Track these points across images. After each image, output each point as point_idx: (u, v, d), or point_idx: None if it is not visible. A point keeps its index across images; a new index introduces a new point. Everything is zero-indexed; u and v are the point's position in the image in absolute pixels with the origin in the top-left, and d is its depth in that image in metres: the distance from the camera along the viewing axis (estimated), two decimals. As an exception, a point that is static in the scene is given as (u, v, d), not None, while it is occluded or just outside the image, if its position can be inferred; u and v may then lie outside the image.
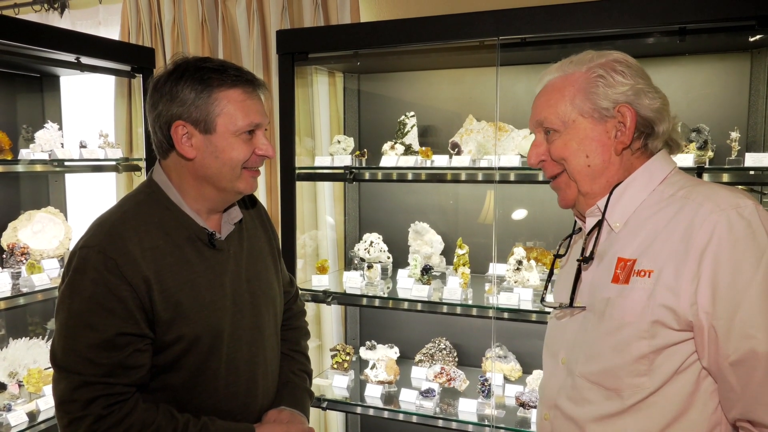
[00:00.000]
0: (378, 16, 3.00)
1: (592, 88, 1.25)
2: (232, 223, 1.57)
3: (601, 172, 1.27)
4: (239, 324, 1.53)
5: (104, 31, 3.55)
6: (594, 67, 1.26)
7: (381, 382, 2.66)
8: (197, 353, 1.43)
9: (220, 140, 1.42)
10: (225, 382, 1.49)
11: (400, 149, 2.63)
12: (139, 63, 2.85)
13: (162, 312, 1.38)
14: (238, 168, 1.45)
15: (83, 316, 1.32)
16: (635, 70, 1.26)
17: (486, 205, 2.86)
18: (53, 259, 2.71)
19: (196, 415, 1.44)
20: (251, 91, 1.46)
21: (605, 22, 2.03)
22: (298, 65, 2.57)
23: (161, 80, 1.44)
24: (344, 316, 3.13)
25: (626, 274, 1.20)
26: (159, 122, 1.44)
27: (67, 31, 2.58)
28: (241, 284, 1.55)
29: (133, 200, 1.47)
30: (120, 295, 1.33)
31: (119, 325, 1.33)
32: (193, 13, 3.23)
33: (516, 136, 2.54)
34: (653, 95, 1.25)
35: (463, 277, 2.53)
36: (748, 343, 1.06)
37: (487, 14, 2.18)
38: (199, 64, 1.43)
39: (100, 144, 2.86)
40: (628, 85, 1.24)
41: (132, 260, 1.35)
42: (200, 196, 1.48)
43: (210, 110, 1.40)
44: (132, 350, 1.35)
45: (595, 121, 1.26)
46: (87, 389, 1.31)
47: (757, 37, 2.03)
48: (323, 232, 3.06)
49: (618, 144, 1.25)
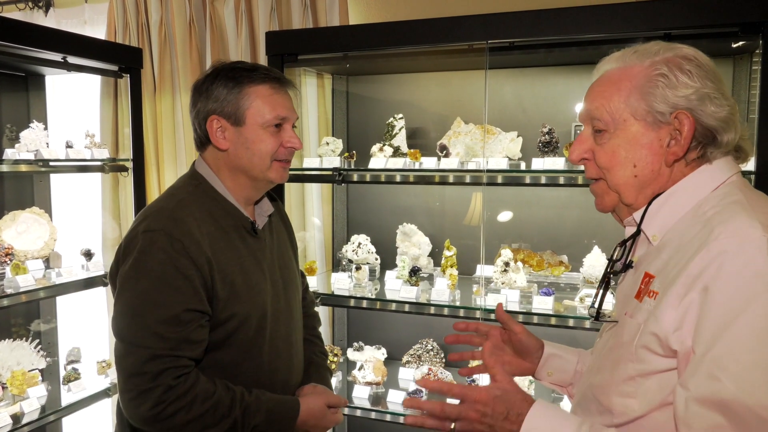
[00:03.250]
0: (367, 18, 3.01)
1: (651, 87, 1.11)
2: (265, 216, 1.70)
3: (648, 184, 1.15)
4: (277, 306, 1.66)
5: (90, 31, 3.52)
6: (658, 62, 1.12)
7: (369, 384, 2.66)
8: (246, 331, 1.55)
9: (249, 132, 1.55)
10: (268, 358, 1.61)
11: (388, 151, 2.64)
12: (127, 63, 2.83)
13: (220, 291, 1.50)
14: (267, 159, 1.57)
15: (151, 294, 1.42)
16: (706, 71, 1.11)
17: (473, 207, 2.88)
18: (38, 259, 2.68)
19: (246, 389, 1.54)
20: (278, 87, 1.59)
21: (592, 27, 2.06)
22: (286, 67, 2.57)
23: (200, 82, 1.59)
24: (331, 318, 3.13)
25: (645, 292, 1.11)
26: (198, 119, 1.58)
27: (53, 30, 2.56)
28: (275, 270, 1.68)
29: (183, 191, 1.58)
30: (187, 273, 1.44)
31: (186, 301, 1.43)
32: (181, 13, 3.22)
33: (503, 138, 2.56)
34: (720, 102, 1.09)
35: (451, 279, 2.55)
36: (712, 386, 0.94)
37: (476, 18, 2.20)
38: (234, 65, 1.59)
39: (86, 144, 2.84)
40: (692, 88, 1.09)
41: (196, 242, 1.47)
42: (237, 186, 1.61)
43: (240, 104, 1.54)
44: (196, 326, 1.45)
45: (648, 125, 1.12)
46: (156, 362, 1.40)
47: (740, 43, 2.07)
48: (311, 234, 3.06)
49: (669, 155, 1.12)
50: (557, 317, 2.31)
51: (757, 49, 2.17)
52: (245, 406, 1.49)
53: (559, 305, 2.39)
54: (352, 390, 2.67)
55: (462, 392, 1.14)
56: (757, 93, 1.92)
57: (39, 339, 2.85)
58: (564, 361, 1.46)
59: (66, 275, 2.65)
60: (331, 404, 1.71)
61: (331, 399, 1.72)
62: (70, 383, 2.69)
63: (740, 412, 0.92)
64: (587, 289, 2.44)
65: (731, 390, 0.92)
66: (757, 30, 1.91)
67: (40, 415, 2.46)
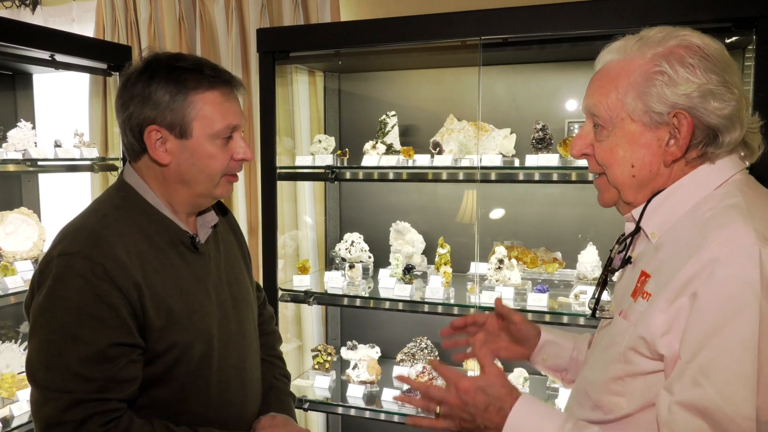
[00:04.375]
0: (358, 15, 2.99)
1: (648, 86, 1.06)
2: (209, 227, 1.51)
3: (647, 183, 1.12)
4: (226, 329, 1.47)
5: (78, 29, 3.48)
6: (659, 56, 1.06)
7: (363, 382, 2.65)
8: (189, 362, 1.36)
9: (196, 145, 1.35)
10: (217, 391, 1.43)
11: (381, 149, 2.62)
12: (116, 61, 2.80)
13: (154, 319, 1.30)
14: (217, 176, 1.39)
15: (69, 328, 1.22)
16: (713, 62, 1.04)
17: (467, 204, 2.87)
18: (27, 261, 2.65)
19: (190, 428, 1.37)
20: (229, 93, 1.39)
21: (586, 23, 2.05)
22: (278, 64, 2.55)
23: (131, 79, 1.35)
24: (325, 316, 3.12)
25: (640, 291, 1.09)
26: (130, 124, 1.35)
27: (41, 27, 2.52)
28: (223, 289, 1.49)
29: (108, 204, 1.38)
30: (111, 302, 1.24)
31: (111, 335, 1.24)
32: (171, 10, 3.19)
33: (497, 135, 2.55)
34: (725, 97, 1.03)
35: (445, 277, 2.54)
36: (696, 392, 0.93)
37: (469, 14, 2.19)
38: (173, 63, 1.35)
39: (75, 143, 2.81)
40: (694, 85, 1.03)
41: (121, 265, 1.26)
42: (176, 199, 1.41)
43: (186, 113, 1.33)
44: (125, 362, 1.26)
45: (646, 125, 1.08)
46: (79, 408, 1.21)
47: (733, 38, 2.07)
48: (303, 232, 3.04)
49: (668, 155, 1.08)
50: (552, 314, 2.30)
51: (749, 45, 2.18)
52: None
53: (553, 302, 2.38)
54: (347, 389, 2.65)
55: (448, 375, 1.15)
56: (750, 89, 1.92)
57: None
58: (559, 348, 1.46)
59: (55, 276, 2.61)
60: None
61: (294, 431, 1.55)
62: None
63: (721, 420, 0.92)
64: (581, 285, 2.43)
65: (713, 397, 0.92)
66: (750, 25, 1.91)
67: (29, 418, 2.43)
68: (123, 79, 1.38)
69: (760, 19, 1.88)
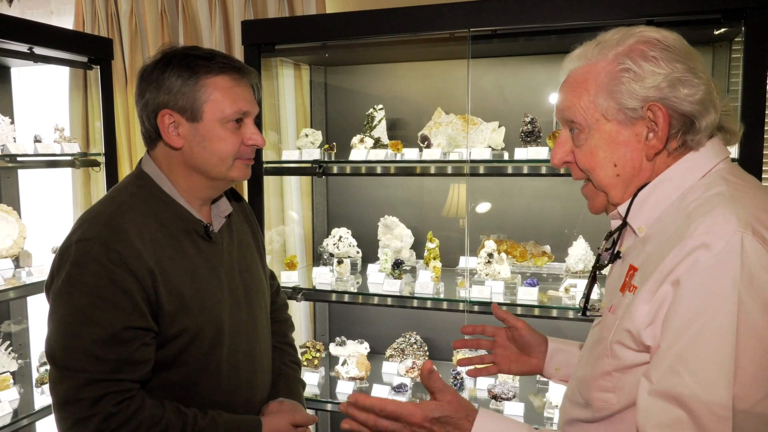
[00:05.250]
0: (343, 8, 2.96)
1: (616, 84, 1.07)
2: (223, 216, 1.56)
3: (632, 180, 1.11)
4: (237, 316, 1.52)
5: (56, 21, 3.41)
6: (621, 54, 1.07)
7: (352, 378, 2.63)
8: (199, 347, 1.41)
9: (206, 129, 1.40)
10: (227, 375, 1.48)
11: (369, 143, 2.59)
12: (97, 54, 2.74)
13: (167, 304, 1.36)
14: (229, 159, 1.43)
15: (86, 311, 1.28)
16: (674, 52, 1.05)
17: (456, 198, 2.85)
18: (6, 259, 2.58)
19: (200, 410, 1.42)
20: (239, 78, 1.44)
21: (576, 15, 2.04)
22: (263, 57, 2.51)
23: (148, 69, 1.42)
24: (313, 313, 3.09)
25: (627, 285, 1.09)
26: (146, 111, 1.42)
27: (19, 19, 2.45)
28: (235, 277, 1.54)
29: (126, 192, 1.43)
30: (125, 287, 1.30)
31: (125, 318, 1.30)
32: (152, 3, 3.13)
33: (485, 129, 2.54)
34: (694, 82, 1.04)
35: (435, 271, 2.52)
36: (673, 380, 0.93)
37: (458, 5, 2.17)
38: (187, 51, 1.42)
39: (55, 138, 2.75)
40: (660, 76, 1.04)
41: (135, 251, 1.32)
42: (191, 186, 1.46)
43: (197, 97, 1.38)
44: (138, 344, 1.32)
45: (621, 123, 1.08)
46: (94, 387, 1.27)
47: (722, 30, 2.07)
48: (290, 228, 3.01)
49: (650, 149, 1.08)
50: (541, 308, 2.30)
51: (736, 37, 2.19)
52: (198, 430, 1.37)
53: (543, 296, 2.38)
54: (336, 385, 2.63)
55: (396, 411, 1.09)
56: (739, 81, 1.92)
57: (10, 340, 2.76)
58: (569, 355, 1.45)
59: (37, 274, 2.56)
60: (298, 423, 1.57)
61: (298, 417, 1.58)
62: (44, 386, 2.60)
63: (697, 409, 0.91)
64: (571, 279, 2.43)
65: (690, 386, 0.92)
66: (739, 17, 1.91)
67: (12, 419, 2.39)
68: (140, 70, 1.44)
69: (749, 10, 1.88)
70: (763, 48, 1.88)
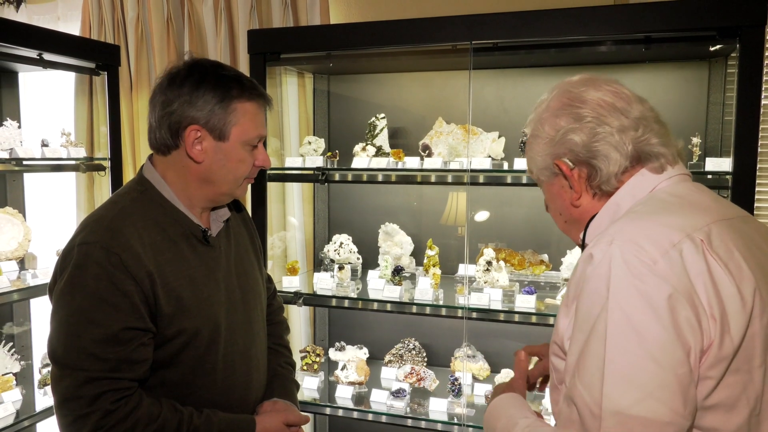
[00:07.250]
0: (347, 18, 3.01)
1: (530, 150, 1.22)
2: (221, 221, 1.62)
3: (578, 221, 1.21)
4: (233, 318, 1.57)
5: (63, 27, 3.44)
6: (534, 122, 1.21)
7: (352, 383, 2.66)
8: (196, 347, 1.47)
9: (230, 149, 1.48)
10: (222, 375, 1.53)
11: (371, 151, 2.64)
12: (105, 60, 2.78)
13: (165, 306, 1.41)
14: (241, 179, 1.53)
15: (86, 312, 1.33)
16: (567, 103, 1.15)
17: (456, 206, 2.90)
18: (12, 261, 2.62)
19: (196, 409, 1.47)
20: (262, 105, 1.54)
21: (574, 30, 2.09)
22: (268, 65, 2.56)
23: (178, 80, 1.46)
24: (313, 317, 3.12)
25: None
26: (169, 121, 1.45)
27: (28, 26, 2.49)
28: (232, 280, 1.60)
29: (127, 197, 1.49)
30: (125, 289, 1.35)
31: (124, 319, 1.35)
32: (158, 10, 3.17)
33: (485, 138, 2.58)
34: (579, 126, 1.12)
35: (434, 278, 2.56)
36: (571, 384, 1.02)
37: (460, 19, 2.22)
38: (218, 71, 1.48)
39: (62, 143, 2.78)
40: (553, 132, 1.15)
41: (135, 255, 1.37)
42: (196, 195, 1.52)
43: (228, 120, 1.46)
44: (137, 344, 1.37)
45: (548, 179, 1.22)
46: (93, 385, 1.32)
47: (717, 46, 2.12)
48: (292, 234, 3.05)
49: (573, 199, 1.19)
50: (539, 315, 2.34)
51: (732, 53, 2.23)
52: (194, 428, 1.42)
53: (540, 304, 2.41)
54: (335, 390, 2.66)
55: None
56: (734, 96, 1.97)
57: (12, 342, 2.78)
58: None
59: (41, 276, 2.58)
60: (290, 422, 1.63)
61: (291, 417, 1.63)
62: (46, 387, 2.63)
63: (582, 408, 0.99)
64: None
65: (579, 388, 1.00)
66: (734, 34, 1.96)
67: (14, 420, 2.41)
68: (166, 78, 1.48)
69: (744, 28, 1.93)
70: (757, 65, 1.93)
